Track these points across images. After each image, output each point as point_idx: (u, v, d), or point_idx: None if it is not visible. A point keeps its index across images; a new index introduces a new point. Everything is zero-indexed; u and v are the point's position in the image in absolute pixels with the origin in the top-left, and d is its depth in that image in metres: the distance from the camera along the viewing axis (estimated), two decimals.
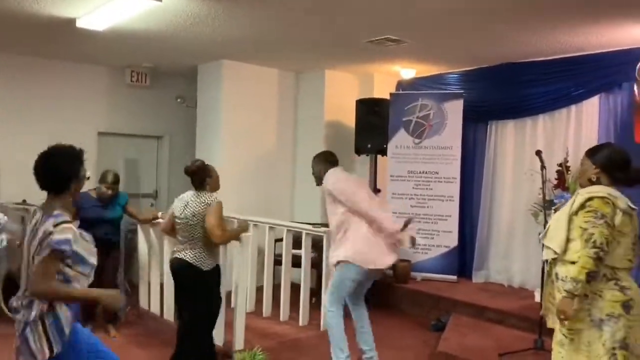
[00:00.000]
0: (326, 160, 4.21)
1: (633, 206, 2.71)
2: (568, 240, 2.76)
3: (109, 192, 4.90)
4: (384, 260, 3.95)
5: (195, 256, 3.74)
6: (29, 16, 4.69)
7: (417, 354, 4.67)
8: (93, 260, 2.50)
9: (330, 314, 4.01)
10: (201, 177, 3.81)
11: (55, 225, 2.34)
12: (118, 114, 7.05)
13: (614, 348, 2.62)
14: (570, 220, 2.76)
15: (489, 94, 6.25)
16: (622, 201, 2.69)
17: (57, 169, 2.47)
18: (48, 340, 2.33)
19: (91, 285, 2.52)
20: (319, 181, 4.19)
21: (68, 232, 2.36)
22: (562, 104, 5.74)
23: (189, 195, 3.84)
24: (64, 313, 2.38)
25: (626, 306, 2.64)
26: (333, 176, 4.07)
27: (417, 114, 6.43)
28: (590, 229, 2.63)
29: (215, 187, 3.90)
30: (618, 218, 2.65)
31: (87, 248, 2.48)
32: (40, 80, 6.48)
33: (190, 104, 7.27)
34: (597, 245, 2.59)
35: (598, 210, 2.65)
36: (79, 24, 4.82)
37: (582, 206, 2.71)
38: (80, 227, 2.53)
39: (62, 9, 4.53)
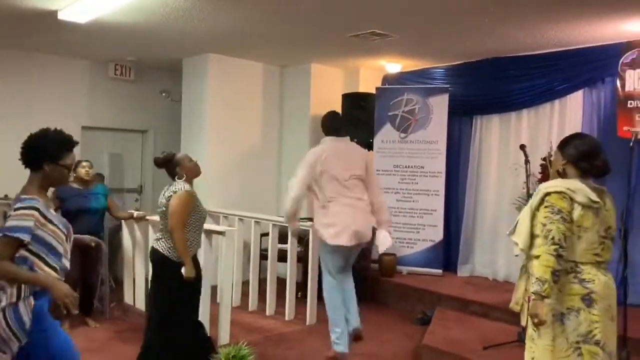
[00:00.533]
0: (323, 129, 4.39)
1: (595, 199, 2.62)
2: (532, 236, 2.72)
3: (91, 170, 4.97)
4: (348, 237, 3.94)
5: (170, 247, 3.60)
6: (10, 8, 4.61)
7: (402, 348, 4.69)
8: (61, 249, 2.42)
9: (324, 292, 4.08)
10: (170, 168, 3.75)
11: (16, 210, 2.31)
12: (102, 108, 6.97)
13: (577, 342, 2.59)
14: (533, 216, 2.73)
15: (474, 88, 6.27)
16: (582, 195, 2.61)
17: (30, 141, 2.47)
18: (14, 333, 2.32)
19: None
20: None
21: (27, 219, 2.30)
22: (547, 99, 5.78)
23: (167, 186, 3.79)
24: (26, 303, 2.32)
25: (586, 299, 2.60)
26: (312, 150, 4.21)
27: (402, 109, 6.44)
28: (548, 225, 2.59)
29: (193, 175, 3.77)
30: (576, 213, 2.60)
31: (54, 233, 2.40)
32: (22, 74, 6.37)
33: (175, 98, 7.22)
34: (555, 242, 2.55)
35: (555, 206, 2.61)
36: (61, 16, 4.75)
37: (542, 201, 2.68)
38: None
39: (44, 1, 4.46)
